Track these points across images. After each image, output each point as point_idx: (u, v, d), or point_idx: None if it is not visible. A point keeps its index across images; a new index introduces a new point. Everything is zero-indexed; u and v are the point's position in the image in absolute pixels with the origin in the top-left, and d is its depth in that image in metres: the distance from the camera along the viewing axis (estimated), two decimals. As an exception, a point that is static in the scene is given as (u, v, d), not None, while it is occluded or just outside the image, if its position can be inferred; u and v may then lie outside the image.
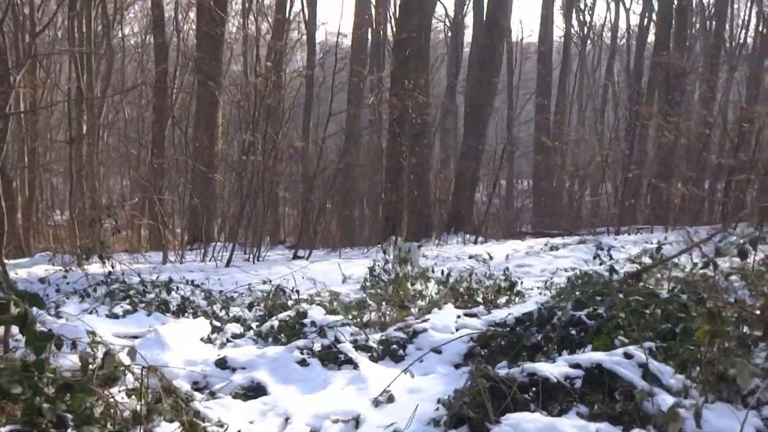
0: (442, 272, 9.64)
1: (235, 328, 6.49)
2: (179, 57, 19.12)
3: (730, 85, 28.82)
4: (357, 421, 4.23)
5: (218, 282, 8.90)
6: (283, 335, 6.12)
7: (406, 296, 7.16)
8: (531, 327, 4.97)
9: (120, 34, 31.23)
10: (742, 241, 4.52)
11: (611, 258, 9.07)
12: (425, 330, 5.50)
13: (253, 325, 6.65)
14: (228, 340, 6.17)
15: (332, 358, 5.23)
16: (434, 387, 4.80)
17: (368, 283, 8.79)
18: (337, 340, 5.29)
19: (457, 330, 5.59)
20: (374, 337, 5.60)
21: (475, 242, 14.88)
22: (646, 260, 9.02)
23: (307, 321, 6.36)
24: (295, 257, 11.98)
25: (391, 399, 4.56)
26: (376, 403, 4.52)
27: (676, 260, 6.53)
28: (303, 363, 5.13)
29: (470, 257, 11.22)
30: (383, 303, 6.90)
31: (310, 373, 5.08)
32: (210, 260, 11.46)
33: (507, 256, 11.53)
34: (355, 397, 4.66)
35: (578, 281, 6.97)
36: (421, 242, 15.01)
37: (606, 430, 3.70)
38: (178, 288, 7.46)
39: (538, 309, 5.03)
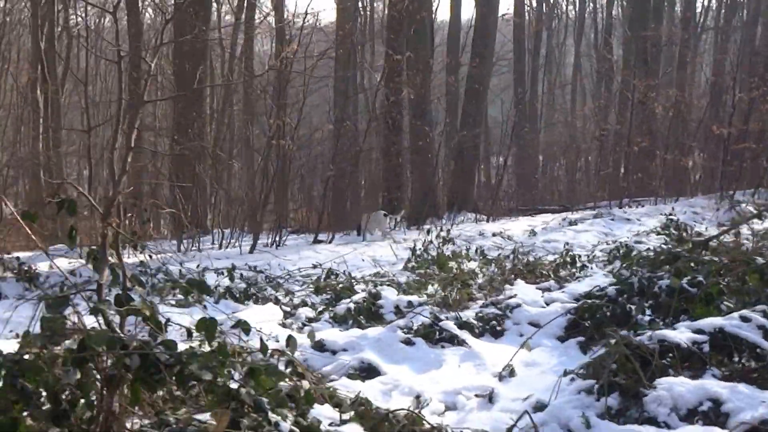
0: (477, 250, 9.88)
1: (307, 312, 6.57)
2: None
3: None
4: (490, 396, 4.38)
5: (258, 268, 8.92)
6: (362, 317, 6.24)
7: (469, 275, 7.33)
8: (633, 297, 5.18)
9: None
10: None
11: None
12: (519, 305, 5.67)
13: (320, 308, 6.74)
14: (303, 324, 6.25)
15: (433, 336, 5.35)
16: (548, 359, 4.99)
17: (412, 264, 8.94)
18: (437, 319, 5.43)
19: (548, 304, 5.78)
20: (466, 314, 5.75)
21: (487, 220, 15.10)
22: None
23: (382, 302, 6.50)
24: (316, 241, 12.05)
25: (512, 373, 4.73)
26: (500, 377, 4.69)
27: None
28: (408, 342, 5.26)
29: (494, 235, 11.43)
30: (447, 282, 7.05)
31: (417, 352, 5.21)
32: (228, 247, 11.46)
33: (531, 232, 11.79)
34: (475, 373, 4.82)
35: (638, 254, 7.24)
36: (428, 223, 15.20)
37: (748, 390, 3.91)
38: (242, 275, 7.51)
39: (639, 279, 5.24)
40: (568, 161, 25.33)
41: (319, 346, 5.35)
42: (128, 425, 3.35)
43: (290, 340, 3.98)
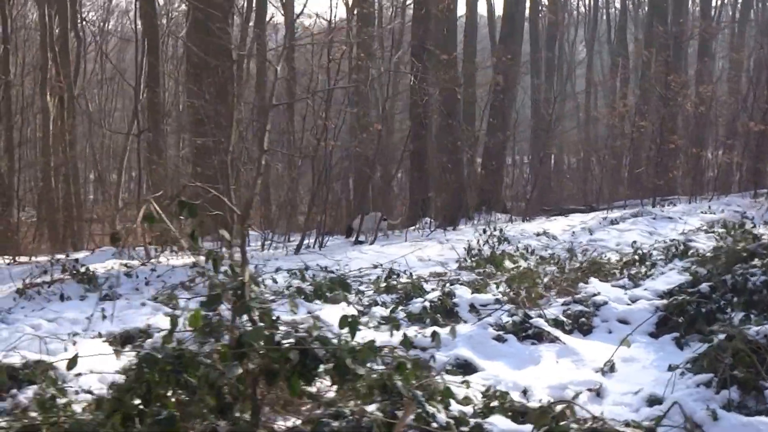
0: (527, 250, 10.02)
1: (380, 311, 6.69)
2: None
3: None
4: (599, 391, 4.50)
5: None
6: (439, 315, 6.36)
7: (535, 273, 7.45)
8: (726, 294, 5.30)
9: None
10: None
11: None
12: (606, 302, 5.80)
13: (392, 307, 6.86)
14: (379, 323, 6.36)
15: (521, 333, 5.47)
16: (645, 355, 5.11)
17: (469, 262, 9.08)
18: (527, 316, 5.55)
19: (633, 302, 5.90)
20: (550, 312, 5.87)
21: (523, 220, 15.23)
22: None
23: (456, 300, 6.63)
24: (357, 242, 12.18)
25: (613, 369, 4.86)
26: (602, 372, 4.81)
27: None
28: (499, 339, 5.38)
29: (537, 234, 11.56)
30: (515, 281, 7.17)
31: (510, 349, 5.33)
32: (269, 248, 11.57)
33: (573, 232, 11.93)
34: (575, 368, 4.94)
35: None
36: (461, 224, 15.34)
37: None
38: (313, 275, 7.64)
39: (732, 276, 5.36)
40: (585, 160, 25.49)
41: (408, 344, 5.45)
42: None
43: (435, 336, 4.12)
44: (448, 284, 7.20)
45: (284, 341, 3.31)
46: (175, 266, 9.06)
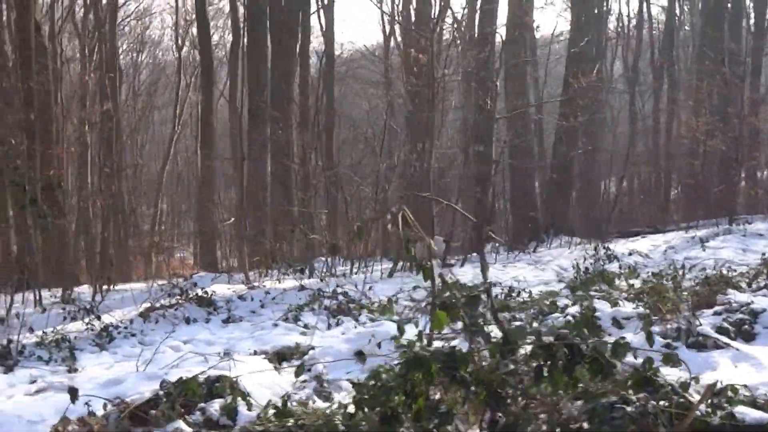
0: (629, 268, 10.23)
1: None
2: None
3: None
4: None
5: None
6: (585, 330, 6.57)
7: (664, 289, 7.66)
8: None
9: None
10: None
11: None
12: (765, 310, 6.00)
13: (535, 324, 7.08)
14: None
15: (685, 341, 5.68)
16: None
17: (578, 281, 9.30)
18: (690, 324, 5.76)
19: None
20: (706, 321, 6.08)
21: (602, 242, 15.35)
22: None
23: (598, 314, 6.84)
24: (446, 265, 12.41)
25: (797, 372, 5.06)
26: (788, 376, 5.01)
27: None
28: (668, 347, 5.59)
29: (630, 254, 11.76)
30: (647, 295, 7.39)
31: (683, 355, 5.52)
32: (358, 273, 11.79)
33: (666, 250, 12.14)
34: (756, 372, 5.13)
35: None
36: (530, 246, 15.54)
37: None
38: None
39: None
40: (650, 181, 25.41)
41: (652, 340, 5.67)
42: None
43: (649, 337, 4.35)
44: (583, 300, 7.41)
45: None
46: (286, 289, 9.39)
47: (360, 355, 6.22)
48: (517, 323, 6.10)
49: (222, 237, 18.43)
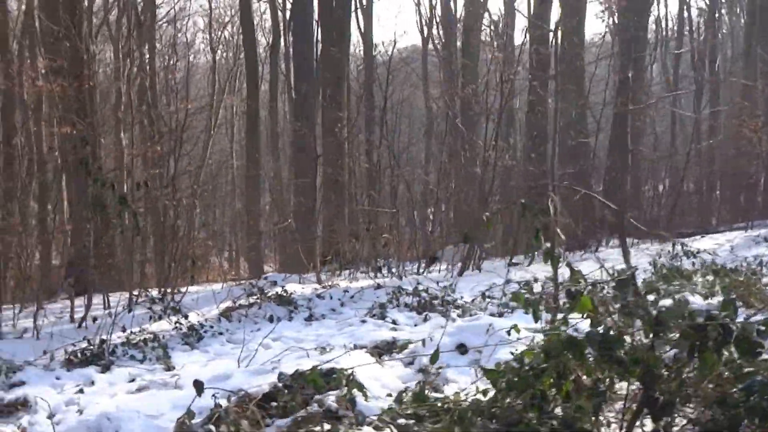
0: (702, 265, 10.23)
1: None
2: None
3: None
4: None
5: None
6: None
7: (750, 282, 7.69)
8: None
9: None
10: None
11: None
12: None
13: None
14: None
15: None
16: None
17: (657, 277, 9.31)
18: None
19: None
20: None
21: (659, 241, 15.22)
22: None
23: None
24: (511, 264, 12.48)
25: None
26: None
27: None
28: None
29: (697, 252, 11.72)
30: (734, 288, 7.41)
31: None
32: (425, 272, 11.90)
33: (731, 248, 12.13)
34: None
35: None
36: (591, 247, 15.50)
37: None
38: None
39: None
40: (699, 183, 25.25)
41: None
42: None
43: None
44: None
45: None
46: (363, 287, 9.54)
47: (462, 348, 6.35)
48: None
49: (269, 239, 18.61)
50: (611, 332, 3.63)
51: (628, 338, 3.76)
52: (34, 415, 5.61)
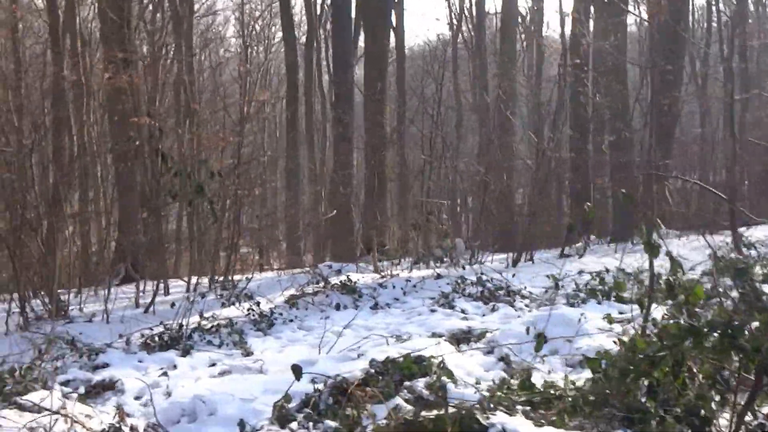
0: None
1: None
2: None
3: None
4: None
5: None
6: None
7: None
8: None
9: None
10: None
11: None
12: None
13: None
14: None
15: None
16: None
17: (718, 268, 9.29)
18: None
19: None
20: None
21: (710, 233, 15.10)
22: None
23: None
24: (563, 255, 12.51)
25: None
26: None
27: None
28: None
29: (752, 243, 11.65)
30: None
31: None
32: (475, 264, 11.93)
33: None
34: None
35: None
36: (634, 239, 15.39)
37: None
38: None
39: None
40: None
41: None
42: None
43: None
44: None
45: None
46: (425, 277, 9.62)
47: (540, 337, 6.39)
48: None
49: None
50: (734, 321, 3.67)
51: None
52: (121, 396, 5.69)
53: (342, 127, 17.95)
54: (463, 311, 7.79)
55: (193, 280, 10.55)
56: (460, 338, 6.63)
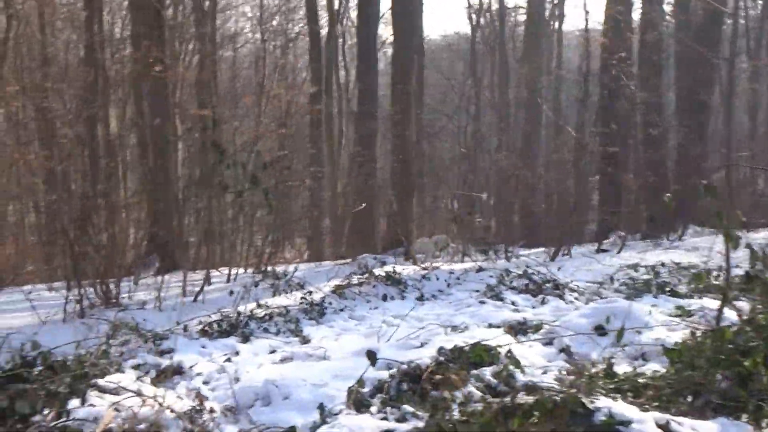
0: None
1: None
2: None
3: None
4: None
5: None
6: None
7: None
8: None
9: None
10: None
11: None
12: None
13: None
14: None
15: None
16: None
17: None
18: None
19: None
20: None
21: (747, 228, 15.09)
22: None
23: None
24: (600, 251, 12.59)
25: None
26: None
27: None
28: None
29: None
30: None
31: None
32: (511, 258, 12.03)
33: None
34: None
35: None
36: (669, 234, 15.48)
37: None
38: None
39: None
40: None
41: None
42: None
43: None
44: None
45: None
46: (467, 269, 9.73)
47: (600, 329, 6.47)
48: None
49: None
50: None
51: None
52: (190, 381, 5.77)
53: (366, 120, 18.05)
54: (513, 303, 7.89)
55: (233, 270, 10.69)
56: (516, 329, 6.71)
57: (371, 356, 5.20)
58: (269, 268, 9.89)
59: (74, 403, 4.55)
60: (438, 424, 3.80)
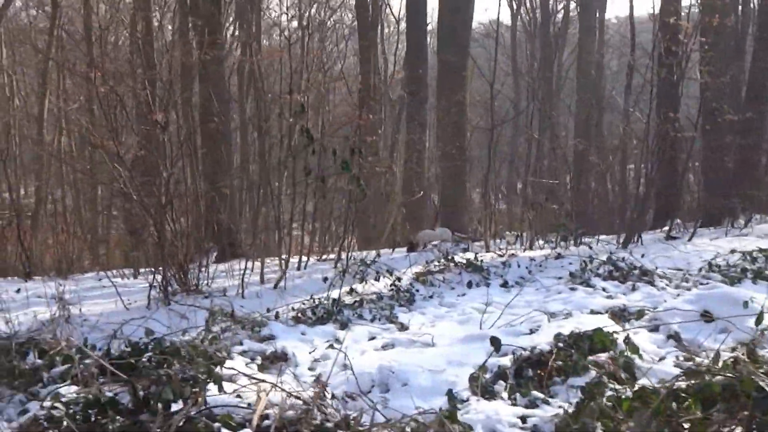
0: None
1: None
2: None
3: None
4: None
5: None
6: None
7: None
8: None
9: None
10: None
11: None
12: None
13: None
14: None
15: None
16: None
17: None
18: None
19: None
20: None
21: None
22: None
23: None
24: (669, 237, 12.45)
25: None
26: None
27: None
28: None
29: None
30: None
31: None
32: (579, 245, 11.93)
33: None
34: None
35: None
36: (725, 224, 15.23)
37: None
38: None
39: None
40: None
41: None
42: None
43: None
44: None
45: None
46: (547, 256, 9.68)
47: (707, 316, 6.38)
48: None
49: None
50: None
51: None
52: (296, 367, 5.77)
53: (415, 107, 18.00)
54: (603, 290, 7.82)
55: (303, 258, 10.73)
56: (618, 315, 6.65)
57: (495, 343, 5.19)
58: (351, 255, 9.87)
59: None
60: (592, 408, 3.76)
